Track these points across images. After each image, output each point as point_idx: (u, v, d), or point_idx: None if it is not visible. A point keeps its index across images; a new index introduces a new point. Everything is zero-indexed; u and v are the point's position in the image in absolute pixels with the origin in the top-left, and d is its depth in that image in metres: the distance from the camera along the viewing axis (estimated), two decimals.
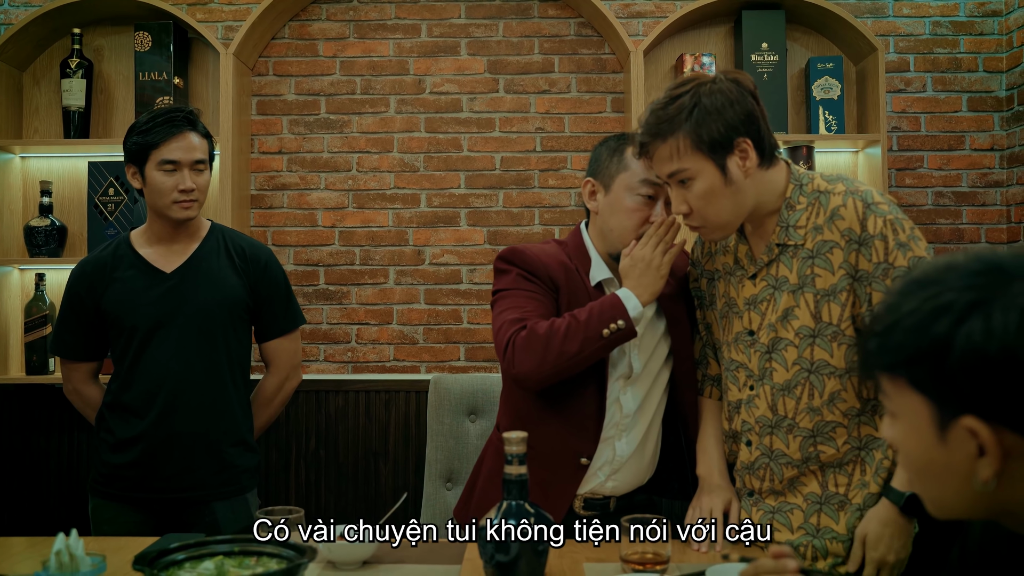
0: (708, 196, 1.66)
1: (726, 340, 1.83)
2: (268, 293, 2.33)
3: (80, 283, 2.26)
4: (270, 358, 2.40)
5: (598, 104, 3.21)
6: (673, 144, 1.65)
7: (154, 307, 2.20)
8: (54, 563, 1.30)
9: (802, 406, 1.70)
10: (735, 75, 1.68)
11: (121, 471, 2.21)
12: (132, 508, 2.22)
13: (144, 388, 2.20)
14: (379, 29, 3.23)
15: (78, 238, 3.15)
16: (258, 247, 2.36)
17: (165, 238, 2.27)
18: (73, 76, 3.06)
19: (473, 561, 1.66)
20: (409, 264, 3.20)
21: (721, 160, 1.64)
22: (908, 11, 3.19)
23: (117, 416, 2.23)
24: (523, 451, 1.46)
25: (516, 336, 1.80)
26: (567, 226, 3.18)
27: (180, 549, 1.41)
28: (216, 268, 2.27)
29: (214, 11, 3.21)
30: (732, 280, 1.81)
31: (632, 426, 1.92)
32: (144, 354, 2.20)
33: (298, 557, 1.41)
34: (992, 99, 3.18)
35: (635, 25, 3.19)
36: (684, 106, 1.63)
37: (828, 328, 1.67)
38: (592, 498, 1.93)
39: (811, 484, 1.72)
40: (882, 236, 1.61)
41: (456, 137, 3.21)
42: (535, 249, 1.95)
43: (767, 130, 1.69)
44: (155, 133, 2.18)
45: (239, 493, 2.28)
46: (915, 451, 0.93)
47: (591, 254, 1.96)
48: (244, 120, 3.13)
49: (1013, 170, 3.12)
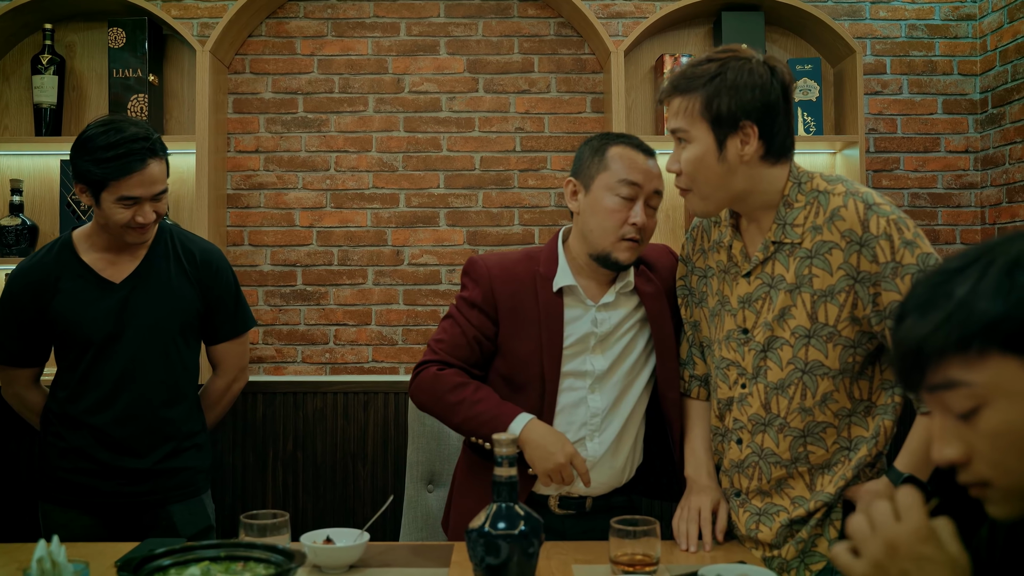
0: (698, 164, 1.68)
1: (716, 338, 1.82)
2: (218, 297, 2.29)
3: (22, 290, 2.17)
4: (218, 360, 2.37)
5: (578, 104, 3.20)
6: (685, 103, 1.68)
7: (106, 320, 2.14)
8: (36, 570, 1.27)
9: (794, 406, 1.70)
10: (776, 64, 1.68)
11: (73, 476, 2.17)
12: (84, 512, 2.17)
13: (98, 397, 2.16)
14: (357, 27, 3.20)
15: (49, 237, 3.08)
16: (209, 251, 2.30)
17: (112, 247, 2.18)
18: (45, 72, 3.00)
19: (461, 564, 1.65)
20: (388, 264, 3.17)
21: (722, 136, 1.65)
22: (885, 14, 3.22)
23: (68, 423, 2.18)
24: (513, 452, 1.45)
25: (428, 368, 1.94)
26: (546, 226, 3.18)
27: (165, 555, 1.38)
28: (167, 277, 2.20)
29: (190, 8, 3.16)
30: (726, 278, 1.80)
31: (604, 427, 1.91)
32: (97, 364, 2.15)
33: (286, 562, 1.38)
34: (967, 102, 3.22)
35: (615, 25, 3.19)
36: (709, 72, 1.65)
37: (824, 329, 1.66)
38: (568, 497, 1.92)
39: (798, 487, 1.72)
40: (887, 236, 1.60)
41: (435, 137, 3.19)
42: (493, 260, 2.00)
43: (785, 128, 1.68)
44: (115, 168, 2.03)
45: (195, 495, 2.26)
46: (1023, 424, 0.88)
47: (560, 259, 1.96)
48: (220, 118, 3.09)
49: (987, 172, 3.15)
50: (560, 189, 3.18)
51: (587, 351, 1.92)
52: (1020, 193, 2.96)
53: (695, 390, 1.95)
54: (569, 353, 1.91)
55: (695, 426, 1.92)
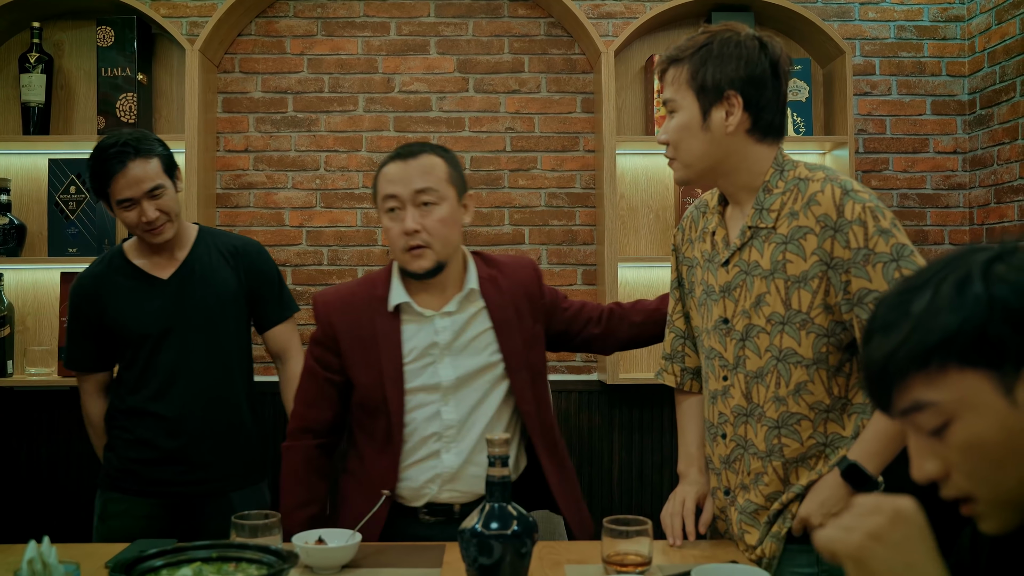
0: (682, 131, 1.70)
1: (705, 328, 1.80)
2: (262, 282, 2.40)
3: (80, 298, 2.32)
4: (277, 347, 2.46)
5: (568, 104, 3.20)
6: (675, 73, 1.71)
7: (159, 313, 2.27)
8: (26, 571, 1.26)
9: (769, 395, 1.67)
10: (768, 41, 1.70)
11: (138, 465, 2.27)
12: (146, 500, 2.27)
13: (158, 389, 2.27)
14: (347, 27, 3.19)
15: (38, 237, 3.07)
16: (248, 241, 2.44)
17: (155, 250, 2.31)
18: (32, 71, 2.98)
19: (453, 564, 1.64)
20: (378, 264, 3.17)
21: (706, 105, 1.67)
22: (874, 15, 3.23)
23: (132, 415, 2.29)
24: (505, 452, 1.45)
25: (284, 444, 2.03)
26: (537, 227, 3.18)
27: (157, 555, 1.37)
28: (210, 267, 2.33)
29: (179, 6, 3.15)
30: (710, 267, 1.79)
31: (460, 437, 1.92)
32: (155, 357, 2.27)
33: (278, 563, 1.38)
34: (955, 103, 3.23)
35: (605, 25, 3.19)
36: (698, 44, 1.69)
37: (797, 316, 1.64)
38: (435, 503, 1.94)
39: (773, 483, 1.68)
40: (860, 221, 1.58)
41: (425, 136, 3.18)
42: (331, 293, 2.04)
43: (774, 106, 1.69)
44: (102, 174, 2.18)
45: (256, 482, 2.37)
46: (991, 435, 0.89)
47: (393, 278, 1.98)
48: (210, 118, 3.08)
49: (975, 172, 3.17)
50: (552, 189, 3.18)
51: (435, 362, 1.93)
52: (1008, 194, 2.98)
53: (688, 383, 1.94)
54: (414, 368, 1.93)
55: (688, 421, 1.92)
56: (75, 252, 2.94)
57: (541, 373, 2.04)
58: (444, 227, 1.90)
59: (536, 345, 2.03)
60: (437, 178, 1.92)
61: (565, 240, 3.18)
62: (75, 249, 2.94)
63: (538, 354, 2.04)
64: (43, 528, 2.97)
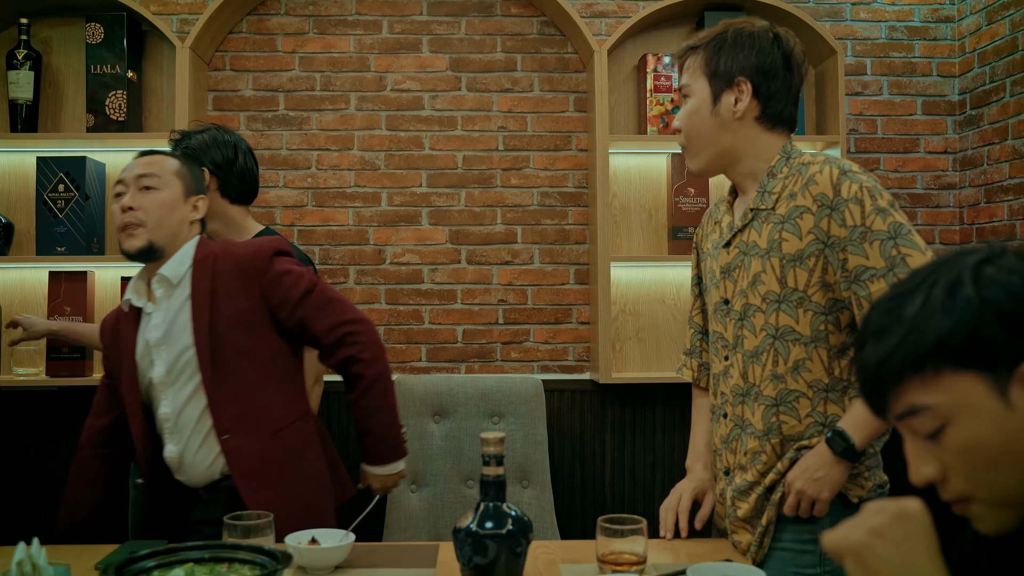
0: (693, 116, 1.75)
1: (710, 311, 1.84)
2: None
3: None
4: None
5: (561, 103, 3.20)
6: (692, 60, 1.77)
7: None
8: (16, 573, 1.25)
9: (767, 373, 1.68)
10: (784, 34, 1.74)
11: None
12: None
13: None
14: (339, 25, 3.18)
15: (25, 236, 3.05)
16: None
17: None
18: (20, 68, 2.96)
19: (447, 564, 1.64)
20: (370, 264, 3.16)
21: (717, 90, 1.72)
22: (865, 15, 3.24)
23: None
24: (500, 452, 1.44)
25: None
26: (529, 225, 3.17)
27: (149, 556, 1.36)
28: None
29: (169, 3, 3.13)
30: (715, 252, 1.82)
31: (176, 429, 1.93)
32: None
33: (271, 563, 1.37)
34: (945, 103, 3.24)
35: (598, 25, 3.19)
36: (715, 33, 1.75)
37: (794, 294, 1.65)
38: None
39: (770, 462, 1.68)
40: (857, 200, 1.59)
41: (418, 135, 3.17)
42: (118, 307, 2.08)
43: (784, 96, 1.72)
44: None
45: None
46: (987, 437, 0.90)
47: (134, 277, 2.02)
48: (200, 116, 3.06)
49: (966, 173, 3.18)
50: (544, 188, 3.17)
51: (142, 353, 1.96)
52: (998, 194, 2.99)
53: (704, 379, 1.97)
54: (144, 365, 1.95)
55: (699, 417, 1.95)
56: (63, 251, 2.91)
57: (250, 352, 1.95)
58: (161, 209, 1.94)
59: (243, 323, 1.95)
60: (163, 169, 1.98)
61: (558, 239, 3.18)
62: (63, 248, 2.91)
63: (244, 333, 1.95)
64: (32, 530, 2.95)
